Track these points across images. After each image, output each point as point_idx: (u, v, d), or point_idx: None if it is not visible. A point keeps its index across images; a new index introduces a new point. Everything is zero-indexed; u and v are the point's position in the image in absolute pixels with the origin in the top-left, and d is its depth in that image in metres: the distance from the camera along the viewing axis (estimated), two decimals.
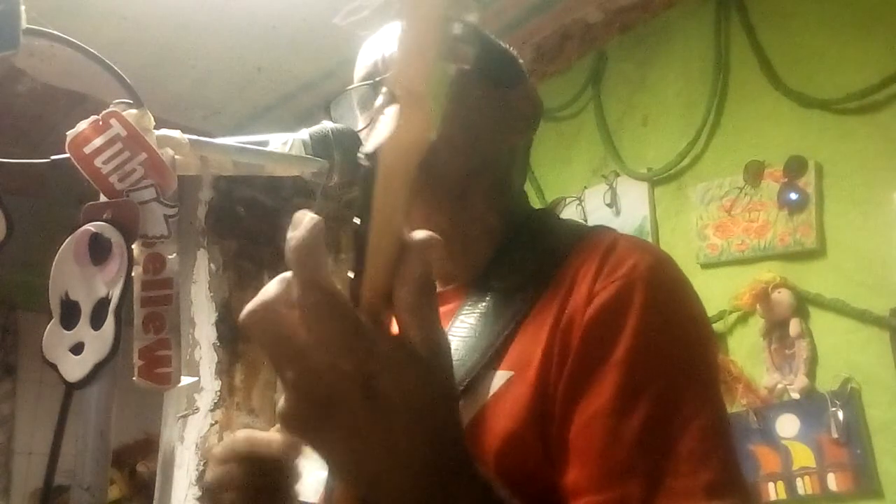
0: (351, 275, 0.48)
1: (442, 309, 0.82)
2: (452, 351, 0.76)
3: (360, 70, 0.93)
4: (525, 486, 0.65)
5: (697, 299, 0.80)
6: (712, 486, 0.66)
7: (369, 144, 0.45)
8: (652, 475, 0.66)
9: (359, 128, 0.92)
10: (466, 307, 0.82)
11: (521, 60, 0.97)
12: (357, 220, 0.47)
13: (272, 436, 0.83)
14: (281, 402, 0.49)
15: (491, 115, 0.89)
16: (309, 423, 0.48)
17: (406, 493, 0.50)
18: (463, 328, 0.80)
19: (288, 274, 0.48)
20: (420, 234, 0.48)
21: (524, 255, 0.84)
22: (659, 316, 0.73)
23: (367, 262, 0.47)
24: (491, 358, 0.76)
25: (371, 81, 0.89)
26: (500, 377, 0.74)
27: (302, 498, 0.82)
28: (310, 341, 0.46)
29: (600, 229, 0.88)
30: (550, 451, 0.70)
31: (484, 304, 0.81)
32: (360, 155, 0.46)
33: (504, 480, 0.64)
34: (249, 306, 0.48)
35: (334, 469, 0.52)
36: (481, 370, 0.75)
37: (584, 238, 0.83)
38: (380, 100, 0.85)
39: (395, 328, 0.49)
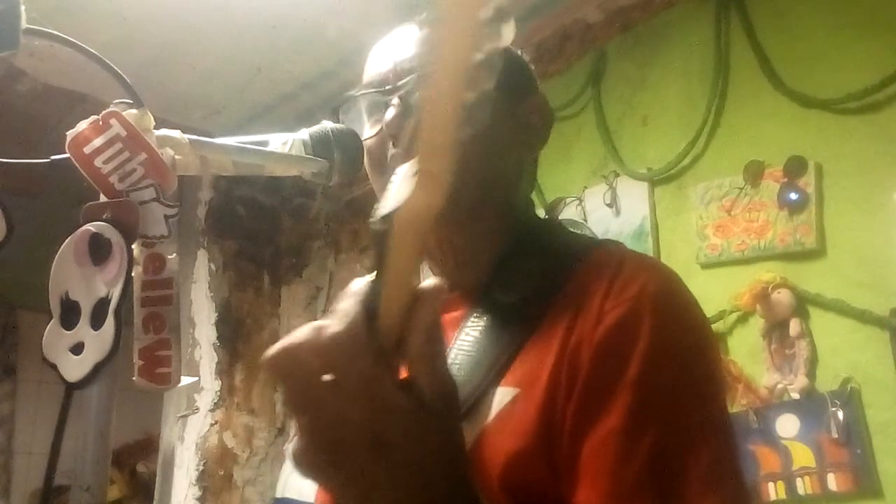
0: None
1: (448, 316, 0.82)
2: (457, 366, 0.77)
3: (370, 74, 0.90)
4: (531, 502, 0.66)
5: (704, 317, 0.81)
6: None
7: (384, 206, 0.48)
8: (661, 497, 0.66)
9: (366, 135, 0.90)
10: (471, 320, 0.81)
11: (532, 67, 0.94)
12: (371, 275, 0.50)
13: None
14: (295, 442, 0.52)
15: (502, 128, 0.86)
16: (319, 465, 0.51)
17: None
18: (467, 342, 0.79)
19: (318, 323, 0.51)
20: (430, 286, 0.51)
21: (529, 269, 0.83)
22: (669, 337, 0.73)
23: (381, 312, 0.50)
24: (496, 374, 0.76)
25: (382, 89, 0.87)
26: (505, 394, 0.74)
27: (301, 498, 0.82)
28: (325, 389, 0.49)
29: (605, 245, 0.87)
30: (557, 469, 0.70)
31: (488, 317, 0.80)
32: (373, 217, 0.49)
33: (510, 498, 0.64)
34: (275, 348, 0.51)
35: None
36: (486, 387, 0.75)
37: (590, 254, 0.83)
38: (391, 111, 0.85)
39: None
